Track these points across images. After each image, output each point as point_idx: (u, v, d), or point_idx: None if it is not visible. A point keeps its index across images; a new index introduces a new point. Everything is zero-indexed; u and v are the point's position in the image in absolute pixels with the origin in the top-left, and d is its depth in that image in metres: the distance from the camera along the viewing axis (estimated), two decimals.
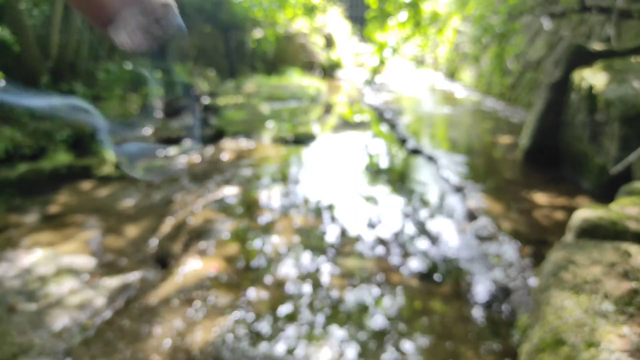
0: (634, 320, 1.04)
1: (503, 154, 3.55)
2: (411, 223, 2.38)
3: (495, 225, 2.23)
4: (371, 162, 3.52)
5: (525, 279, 1.79)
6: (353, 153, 3.76)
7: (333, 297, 1.73)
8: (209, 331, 1.51)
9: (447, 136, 4.11)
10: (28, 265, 1.99)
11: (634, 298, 1.10)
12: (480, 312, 1.67)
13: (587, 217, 1.47)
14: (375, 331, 1.56)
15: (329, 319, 1.60)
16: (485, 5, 4.90)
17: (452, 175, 2.97)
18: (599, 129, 2.55)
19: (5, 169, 3.06)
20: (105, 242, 2.30)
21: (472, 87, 6.52)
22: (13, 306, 1.70)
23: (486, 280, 1.85)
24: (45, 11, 3.94)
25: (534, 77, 4.87)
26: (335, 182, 3.00)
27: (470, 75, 6.84)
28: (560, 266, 1.28)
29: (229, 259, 1.97)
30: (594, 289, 1.15)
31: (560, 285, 1.21)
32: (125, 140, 3.99)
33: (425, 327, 1.57)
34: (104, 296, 1.80)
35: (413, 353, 1.46)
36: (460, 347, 1.50)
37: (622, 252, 1.28)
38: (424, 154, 3.50)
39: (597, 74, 2.68)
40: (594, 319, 1.06)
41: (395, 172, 3.24)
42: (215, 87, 6.12)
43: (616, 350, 0.96)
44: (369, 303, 1.70)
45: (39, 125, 3.51)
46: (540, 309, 1.18)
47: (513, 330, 1.55)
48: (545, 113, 3.05)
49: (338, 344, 1.49)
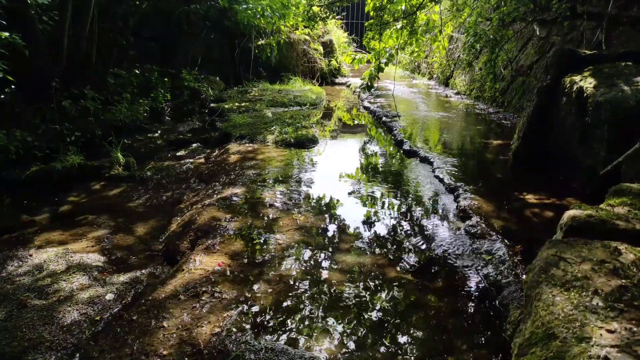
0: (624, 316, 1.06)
1: (495, 155, 3.59)
2: (407, 221, 2.42)
3: (487, 223, 2.25)
4: (369, 163, 3.57)
5: (517, 275, 1.81)
6: (351, 155, 3.85)
7: (333, 291, 1.78)
8: (214, 325, 1.54)
9: (441, 139, 4.16)
10: (39, 262, 2.02)
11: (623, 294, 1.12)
12: (473, 307, 1.69)
13: (577, 216, 1.49)
14: (373, 324, 1.60)
15: (329, 312, 1.65)
16: (478, 12, 4.97)
17: (446, 176, 3.00)
18: (588, 132, 2.60)
19: (17, 170, 3.11)
20: (114, 240, 2.34)
21: (465, 92, 6.59)
22: (24, 302, 1.73)
23: (479, 276, 1.87)
24: (55, 16, 3.93)
25: (525, 82, 4.94)
26: (335, 183, 3.06)
27: (463, 80, 6.92)
28: (551, 263, 1.29)
29: (234, 256, 2.02)
30: (584, 285, 1.17)
31: (551, 281, 1.22)
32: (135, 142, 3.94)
33: (420, 321, 1.62)
34: (113, 292, 1.83)
35: (409, 345, 1.51)
36: (454, 340, 1.52)
37: (611, 250, 1.29)
38: (419, 155, 3.54)
39: (587, 78, 2.73)
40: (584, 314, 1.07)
41: (392, 173, 3.28)
42: (220, 93, 6.19)
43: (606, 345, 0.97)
44: (367, 297, 1.75)
45: (49, 127, 3.51)
46: (532, 305, 1.19)
47: (505, 324, 1.56)
48: (536, 116, 3.10)
49: (337, 336, 1.54)
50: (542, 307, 1.13)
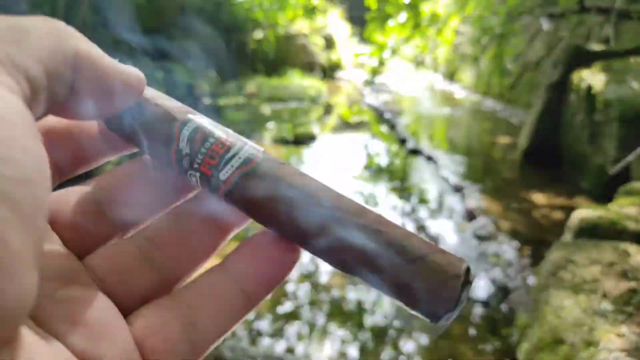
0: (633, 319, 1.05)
1: (502, 154, 3.56)
2: (410, 222, 2.40)
3: (494, 224, 2.24)
4: (371, 161, 3.54)
5: (524, 278, 1.79)
6: (353, 153, 3.78)
7: (333, 296, 1.75)
8: None
9: (447, 136, 4.13)
10: None
11: (632, 298, 1.11)
12: (479, 311, 1.68)
13: (586, 216, 1.47)
14: (375, 330, 1.57)
15: (329, 318, 1.61)
16: (484, 6, 4.91)
17: (451, 175, 2.98)
18: (597, 130, 2.56)
19: None
20: None
21: (471, 88, 6.53)
22: None
23: (485, 279, 1.86)
24: (48, 12, 3.95)
25: (533, 78, 4.89)
26: (336, 182, 3.02)
27: (469, 75, 6.85)
28: (559, 266, 1.28)
29: None
30: (592, 289, 1.16)
31: (559, 284, 1.21)
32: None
33: (424, 326, 1.58)
34: None
35: (412, 352, 1.47)
36: (459, 346, 1.50)
37: (621, 252, 1.28)
38: (424, 154, 3.51)
39: (596, 74, 2.69)
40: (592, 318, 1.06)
41: (395, 172, 3.25)
42: (216, 88, 6.13)
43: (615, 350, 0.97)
44: (369, 302, 1.71)
45: None
46: (539, 309, 1.18)
47: (512, 329, 1.55)
48: (544, 113, 3.06)
49: (338, 342, 1.50)
50: (550, 311, 1.13)
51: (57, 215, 0.23)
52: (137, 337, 0.21)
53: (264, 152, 0.25)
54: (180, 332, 0.21)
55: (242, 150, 0.24)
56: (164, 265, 0.24)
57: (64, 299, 0.20)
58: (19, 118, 0.15)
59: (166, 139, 0.24)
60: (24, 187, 0.14)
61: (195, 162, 0.23)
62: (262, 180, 0.23)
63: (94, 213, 0.24)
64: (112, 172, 0.26)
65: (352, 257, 0.22)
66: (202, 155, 0.23)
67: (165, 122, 0.24)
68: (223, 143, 0.24)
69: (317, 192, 0.23)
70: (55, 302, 0.19)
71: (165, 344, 0.21)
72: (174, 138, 0.24)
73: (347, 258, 0.22)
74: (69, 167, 0.25)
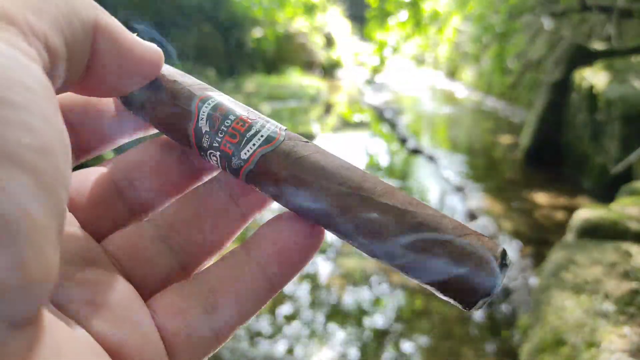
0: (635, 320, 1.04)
1: (503, 153, 3.55)
2: None
3: (495, 225, 2.23)
4: (371, 161, 3.53)
5: (526, 279, 1.79)
6: (353, 153, 3.77)
7: (333, 297, 1.74)
8: None
9: (448, 136, 4.12)
10: None
11: (634, 298, 1.10)
12: (480, 312, 1.67)
13: (588, 217, 1.47)
14: (376, 331, 1.56)
15: (329, 319, 1.61)
16: (485, 4, 4.90)
17: (452, 174, 2.97)
18: (599, 129, 2.55)
19: None
20: None
21: (472, 87, 6.51)
22: None
23: None
24: None
25: (534, 77, 4.87)
26: None
27: (470, 74, 6.83)
28: (561, 266, 1.28)
29: None
30: (594, 289, 1.15)
31: (561, 285, 1.21)
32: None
33: (426, 327, 1.58)
34: None
35: (413, 353, 1.47)
36: (460, 347, 1.50)
37: (622, 252, 1.27)
38: (425, 153, 3.50)
39: (598, 73, 2.68)
40: (594, 319, 1.06)
41: (396, 172, 3.25)
42: (214, 87, 6.10)
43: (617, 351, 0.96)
44: (369, 303, 1.71)
45: None
46: (541, 309, 1.18)
47: (513, 330, 1.55)
48: (545, 113, 3.05)
49: (338, 344, 1.49)
50: (552, 312, 1.12)
51: (73, 196, 0.22)
52: (158, 321, 0.20)
53: (286, 130, 0.23)
54: (201, 316, 0.21)
55: (264, 128, 0.22)
56: (183, 249, 0.23)
57: (84, 281, 0.19)
58: (39, 86, 0.14)
59: (185, 117, 0.23)
60: (45, 156, 0.13)
61: (215, 141, 0.22)
62: (284, 159, 0.22)
63: (111, 195, 0.23)
64: (130, 153, 0.25)
65: (379, 240, 0.20)
66: (222, 134, 0.22)
67: (183, 99, 0.23)
68: (244, 121, 0.22)
69: (342, 172, 0.22)
70: (75, 284, 0.18)
71: (187, 329, 0.20)
72: (193, 116, 0.22)
73: (373, 240, 0.21)
74: (85, 148, 0.24)
